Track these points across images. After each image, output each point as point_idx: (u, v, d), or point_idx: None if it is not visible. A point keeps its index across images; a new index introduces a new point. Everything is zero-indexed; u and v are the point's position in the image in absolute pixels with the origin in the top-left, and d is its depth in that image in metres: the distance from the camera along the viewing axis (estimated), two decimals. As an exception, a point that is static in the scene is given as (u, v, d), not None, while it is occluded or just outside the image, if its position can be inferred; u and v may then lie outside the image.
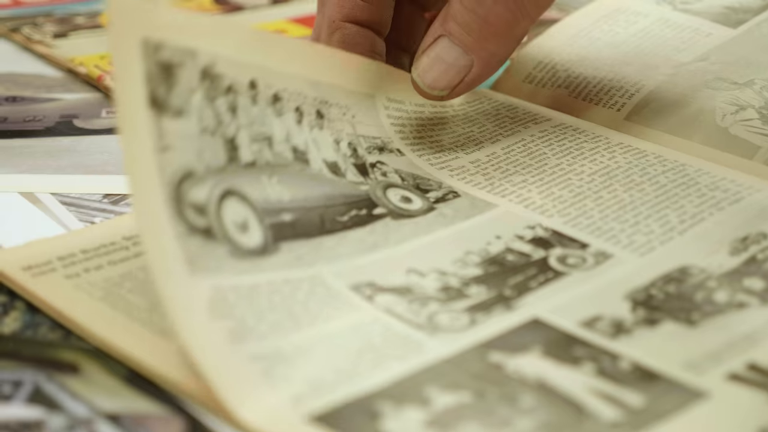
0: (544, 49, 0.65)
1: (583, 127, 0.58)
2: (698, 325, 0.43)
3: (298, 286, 0.45)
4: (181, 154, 0.44)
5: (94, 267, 0.48)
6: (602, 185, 0.53)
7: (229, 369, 0.40)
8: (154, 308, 0.45)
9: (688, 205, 0.51)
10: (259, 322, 0.42)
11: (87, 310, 0.45)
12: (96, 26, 0.78)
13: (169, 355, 0.42)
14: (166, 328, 0.43)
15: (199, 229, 0.43)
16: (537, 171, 0.54)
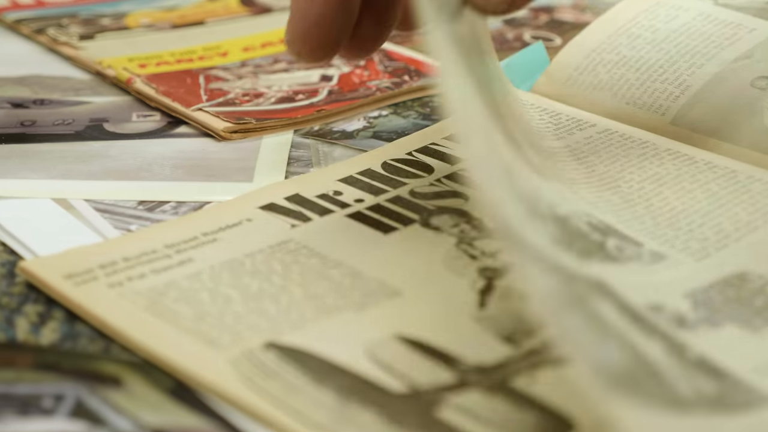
0: (585, 49, 0.64)
1: (629, 133, 0.57)
2: (761, 331, 0.42)
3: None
4: None
5: (137, 275, 0.47)
6: (652, 192, 0.52)
7: None
8: (201, 318, 0.44)
9: (742, 212, 0.50)
10: None
11: (132, 320, 0.44)
12: (122, 28, 0.77)
13: (218, 366, 0.42)
14: (214, 338, 0.43)
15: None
16: (585, 178, 0.53)
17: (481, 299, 0.46)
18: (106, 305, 0.45)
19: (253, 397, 0.40)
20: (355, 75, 0.69)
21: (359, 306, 0.45)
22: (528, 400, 0.40)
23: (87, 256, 0.48)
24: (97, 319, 0.45)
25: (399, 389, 0.41)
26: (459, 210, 0.52)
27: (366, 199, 0.53)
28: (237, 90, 0.66)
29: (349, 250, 0.49)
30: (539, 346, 0.43)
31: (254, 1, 0.83)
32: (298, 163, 0.59)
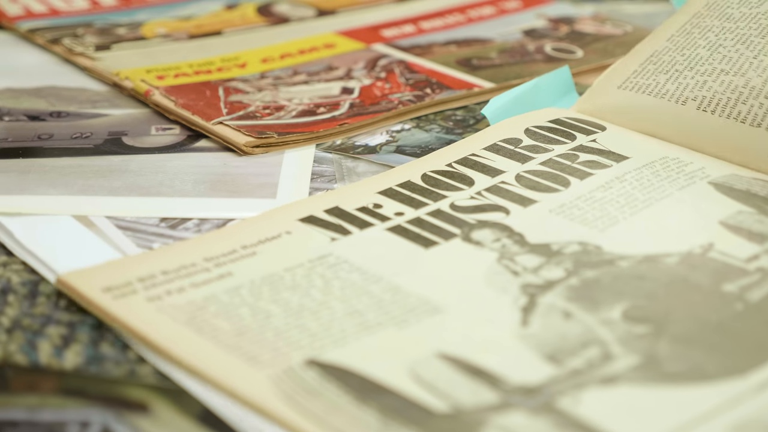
0: (644, 53, 0.63)
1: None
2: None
3: None
4: None
5: (176, 289, 0.47)
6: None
7: None
8: (241, 333, 0.44)
9: None
10: None
11: (171, 335, 0.44)
12: (138, 38, 0.76)
13: (259, 383, 0.42)
14: (255, 355, 0.43)
15: None
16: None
17: (523, 317, 0.45)
18: (145, 319, 0.45)
19: (294, 415, 0.40)
20: (376, 87, 0.68)
21: (401, 323, 0.45)
22: (572, 421, 0.40)
23: (126, 268, 0.48)
24: (136, 334, 0.45)
25: (441, 409, 0.41)
26: (500, 224, 0.52)
27: (406, 213, 0.53)
28: (257, 103, 0.66)
29: (390, 265, 0.49)
30: (583, 365, 0.42)
31: (271, 11, 0.82)
32: (322, 178, 0.58)
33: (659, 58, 0.62)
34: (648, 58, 0.63)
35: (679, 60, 0.61)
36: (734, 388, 0.41)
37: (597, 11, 0.82)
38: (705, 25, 0.63)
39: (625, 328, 0.44)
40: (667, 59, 0.62)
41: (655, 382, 0.41)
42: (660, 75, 0.61)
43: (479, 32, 0.78)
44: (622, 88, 0.62)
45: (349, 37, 0.77)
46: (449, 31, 0.79)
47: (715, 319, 0.45)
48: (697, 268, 0.48)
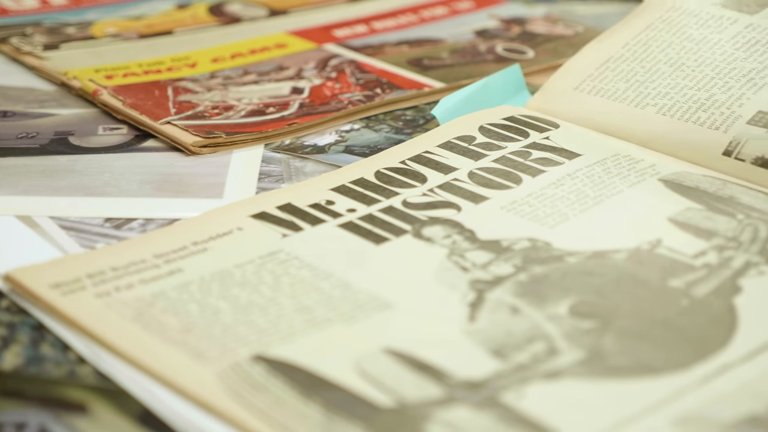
0: (599, 58, 0.64)
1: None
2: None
3: None
4: None
5: (125, 286, 0.47)
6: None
7: None
8: (188, 330, 0.44)
9: None
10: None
11: (118, 332, 0.44)
12: (88, 37, 0.76)
13: (205, 379, 0.42)
14: (201, 351, 0.43)
15: None
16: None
17: (471, 312, 0.46)
18: (92, 316, 0.45)
19: (239, 410, 0.40)
20: (326, 87, 0.68)
21: (349, 318, 0.45)
22: (515, 416, 0.40)
23: (75, 265, 0.48)
24: (83, 330, 0.45)
25: (386, 404, 0.41)
26: (451, 221, 0.52)
27: (358, 209, 0.53)
28: (206, 102, 0.65)
29: (340, 262, 0.49)
30: (528, 360, 0.42)
31: (223, 11, 0.82)
32: (269, 178, 0.58)
33: (617, 65, 0.63)
34: (604, 63, 0.63)
35: (639, 71, 0.62)
36: (677, 382, 0.41)
37: (549, 12, 0.82)
38: (663, 39, 0.64)
39: (572, 323, 0.44)
40: (626, 68, 0.63)
41: (599, 377, 0.42)
42: (620, 82, 0.62)
43: (431, 32, 0.78)
44: (579, 90, 0.63)
45: (301, 37, 0.77)
46: (401, 31, 0.79)
47: (661, 315, 0.45)
48: (645, 264, 0.48)
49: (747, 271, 0.48)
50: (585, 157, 0.57)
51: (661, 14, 0.66)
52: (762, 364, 0.42)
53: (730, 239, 0.50)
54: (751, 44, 0.61)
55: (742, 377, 0.41)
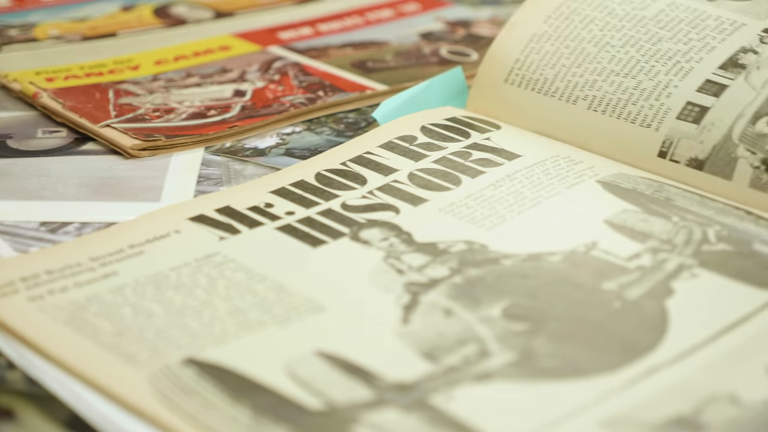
0: (523, 38, 0.63)
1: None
2: None
3: None
4: None
5: (59, 289, 0.47)
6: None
7: None
8: (121, 333, 0.45)
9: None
10: None
11: (50, 335, 0.44)
12: (30, 39, 0.76)
13: (135, 383, 0.42)
14: (133, 354, 0.43)
15: None
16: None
17: (404, 315, 0.46)
18: (24, 319, 0.45)
19: (168, 414, 0.40)
20: (269, 90, 0.68)
21: (282, 321, 0.46)
22: (444, 418, 0.40)
23: (8, 268, 0.48)
24: (14, 334, 0.44)
25: (315, 406, 0.41)
26: (389, 223, 0.52)
27: (297, 212, 0.53)
28: (147, 105, 0.65)
29: (276, 264, 0.49)
30: (459, 362, 0.43)
31: (169, 13, 0.82)
32: (208, 181, 0.58)
33: (541, 45, 0.63)
34: (528, 44, 0.63)
35: (564, 53, 0.62)
36: (605, 384, 0.42)
37: (494, 14, 0.82)
38: (585, 13, 0.63)
39: (504, 325, 0.45)
40: (550, 49, 0.62)
41: (529, 378, 0.42)
42: (547, 69, 0.62)
43: (376, 35, 0.78)
44: (509, 83, 0.63)
45: (245, 39, 0.77)
46: (347, 33, 0.79)
47: (593, 317, 0.45)
48: (579, 266, 0.49)
49: (680, 273, 0.48)
50: (524, 158, 0.58)
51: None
52: (690, 365, 0.43)
53: (664, 241, 0.50)
54: (674, 23, 0.61)
55: (671, 379, 0.42)
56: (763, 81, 0.57)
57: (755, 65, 0.57)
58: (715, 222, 0.52)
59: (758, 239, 0.50)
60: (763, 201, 0.53)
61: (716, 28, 0.60)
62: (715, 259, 0.49)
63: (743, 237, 0.50)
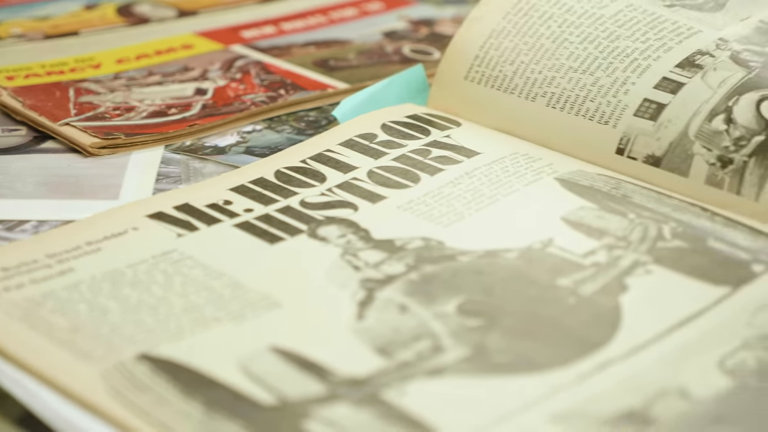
0: (482, 33, 0.64)
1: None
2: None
3: None
4: None
5: (15, 286, 0.47)
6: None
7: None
8: (76, 330, 0.45)
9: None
10: None
11: (5, 331, 0.44)
12: (-12, 35, 0.75)
13: (88, 379, 0.42)
14: (87, 350, 0.43)
15: None
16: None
17: (359, 311, 0.46)
18: None
19: (120, 410, 0.41)
20: (230, 89, 0.68)
21: (238, 317, 0.46)
22: (395, 412, 0.40)
23: None
24: None
25: (268, 401, 0.41)
26: (347, 220, 0.52)
27: (255, 209, 0.54)
28: (108, 104, 0.65)
29: (233, 261, 0.49)
30: (413, 357, 0.43)
31: (132, 12, 0.82)
32: (167, 179, 0.58)
33: (500, 41, 0.63)
34: (487, 40, 0.63)
35: (523, 49, 0.62)
36: (557, 378, 0.42)
37: (458, 13, 0.83)
38: (544, 10, 0.64)
39: (458, 321, 0.45)
40: (509, 45, 0.63)
41: (481, 373, 0.42)
42: (506, 66, 0.62)
43: (340, 34, 0.79)
44: (469, 80, 0.63)
45: (208, 38, 0.77)
46: (310, 32, 0.79)
47: (547, 312, 0.46)
48: (535, 263, 0.49)
49: (634, 270, 0.49)
50: (484, 156, 0.58)
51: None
52: (642, 360, 0.43)
53: (620, 238, 0.51)
54: (633, 23, 0.61)
55: (622, 373, 0.42)
56: (719, 81, 0.57)
57: (712, 67, 0.58)
58: (671, 219, 0.52)
59: (713, 236, 0.51)
60: (719, 197, 0.54)
61: (673, 31, 0.61)
62: (670, 256, 0.49)
63: (698, 234, 0.51)
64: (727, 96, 0.56)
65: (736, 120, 0.55)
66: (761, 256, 0.49)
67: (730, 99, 0.56)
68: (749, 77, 0.57)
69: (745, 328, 0.45)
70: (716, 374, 0.42)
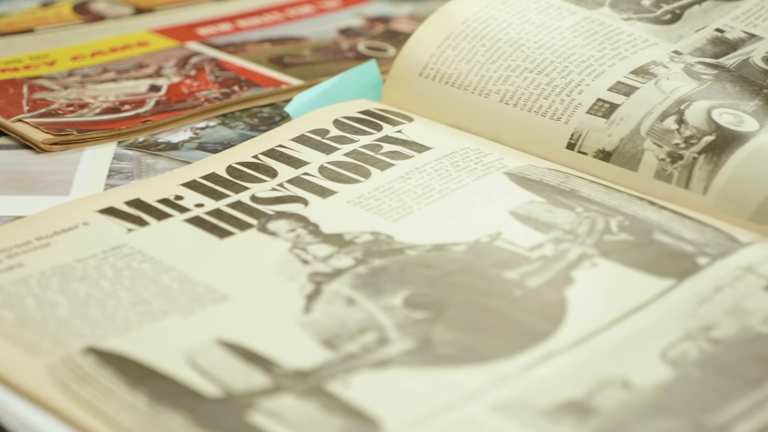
0: (440, 35, 0.64)
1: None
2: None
3: None
4: None
5: None
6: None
7: None
8: (23, 323, 0.45)
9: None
10: None
11: None
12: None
13: (35, 371, 0.42)
14: (34, 344, 0.43)
15: None
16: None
17: (307, 304, 0.46)
18: None
19: (66, 402, 0.41)
20: (184, 85, 0.68)
21: (185, 311, 0.46)
22: (339, 404, 0.41)
23: None
24: None
25: (213, 393, 0.41)
26: (297, 215, 0.53)
27: (206, 204, 0.54)
28: (61, 100, 0.66)
29: (183, 255, 0.50)
30: (358, 349, 0.44)
31: (88, 9, 0.82)
32: (119, 175, 0.58)
33: (457, 42, 0.63)
34: (445, 41, 0.64)
35: (480, 50, 0.63)
36: (500, 370, 0.42)
37: (414, 10, 0.83)
38: (503, 19, 0.64)
39: (405, 313, 0.46)
40: (466, 46, 0.63)
41: (425, 365, 0.43)
42: (462, 64, 0.63)
43: (295, 31, 0.79)
44: (424, 77, 0.63)
45: (164, 36, 0.77)
46: (266, 29, 0.79)
47: (493, 305, 0.46)
48: (483, 256, 0.50)
49: (581, 263, 0.49)
50: (434, 151, 0.59)
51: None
52: (585, 351, 0.43)
53: (567, 232, 0.51)
54: (589, 34, 0.62)
55: (565, 364, 0.43)
56: (672, 89, 0.58)
57: (665, 76, 0.59)
58: (619, 212, 0.53)
59: (659, 229, 0.51)
60: (667, 191, 0.55)
61: (629, 42, 0.62)
62: (616, 249, 0.50)
63: (645, 227, 0.51)
64: (679, 101, 0.57)
65: (687, 121, 0.56)
66: (706, 249, 0.50)
67: (682, 104, 0.57)
68: (701, 89, 0.58)
69: (688, 320, 0.45)
70: (658, 365, 0.43)
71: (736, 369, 0.43)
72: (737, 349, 0.44)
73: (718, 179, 0.54)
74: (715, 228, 0.51)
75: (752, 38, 0.63)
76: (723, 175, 0.54)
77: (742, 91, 0.58)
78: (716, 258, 0.49)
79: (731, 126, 0.56)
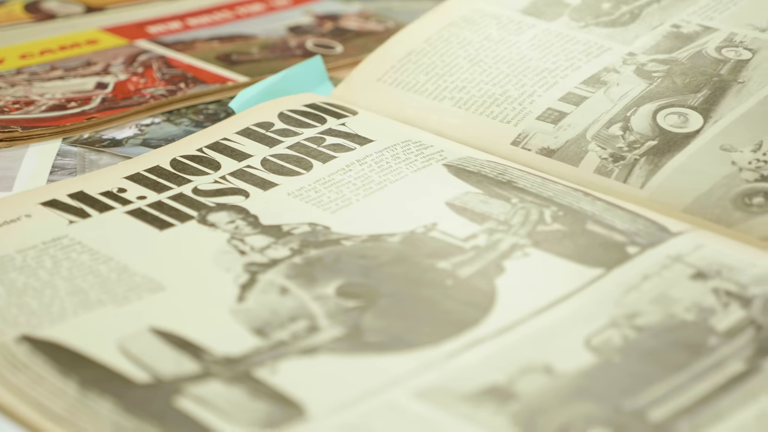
0: (401, 52, 0.66)
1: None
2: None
3: None
4: None
5: None
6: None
7: None
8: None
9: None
10: None
11: None
12: None
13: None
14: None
15: None
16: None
17: (241, 293, 0.47)
18: None
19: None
20: (131, 83, 0.69)
21: (121, 300, 0.47)
22: (266, 390, 0.42)
23: None
24: None
25: (141, 379, 0.42)
26: (237, 207, 0.54)
27: (148, 196, 0.55)
28: (8, 98, 0.66)
29: (122, 246, 0.51)
30: (288, 337, 0.44)
31: (39, 8, 0.82)
32: (63, 171, 0.59)
33: (419, 58, 0.66)
34: (406, 56, 0.66)
35: (439, 65, 0.65)
36: (425, 357, 0.43)
37: (363, 8, 0.84)
38: (464, 36, 0.67)
39: (336, 302, 0.47)
40: (427, 62, 0.65)
41: (353, 352, 0.44)
42: (420, 75, 0.64)
43: (245, 29, 0.80)
44: (381, 81, 0.65)
45: (113, 34, 0.78)
46: (216, 27, 0.80)
47: (425, 294, 0.47)
48: (417, 246, 0.51)
49: (513, 253, 0.50)
50: (376, 143, 0.60)
51: (463, 13, 0.68)
52: (510, 338, 0.44)
53: (501, 222, 0.52)
54: (546, 46, 0.64)
55: (489, 351, 0.44)
56: (620, 95, 0.60)
57: (615, 82, 0.61)
58: (553, 203, 0.54)
59: (592, 219, 0.52)
60: (605, 185, 0.56)
61: (584, 51, 0.64)
62: (549, 239, 0.51)
63: (578, 217, 0.53)
64: (626, 107, 0.59)
65: (632, 128, 0.58)
66: (636, 239, 0.51)
67: (629, 110, 0.59)
68: (650, 89, 0.60)
69: (613, 308, 0.46)
70: (581, 351, 0.44)
71: (658, 355, 0.44)
72: (661, 336, 0.45)
73: (657, 177, 0.55)
74: (648, 218, 0.52)
75: (707, 30, 0.64)
76: (662, 174, 0.55)
77: (691, 83, 0.60)
78: (646, 247, 0.50)
79: (675, 129, 0.57)
